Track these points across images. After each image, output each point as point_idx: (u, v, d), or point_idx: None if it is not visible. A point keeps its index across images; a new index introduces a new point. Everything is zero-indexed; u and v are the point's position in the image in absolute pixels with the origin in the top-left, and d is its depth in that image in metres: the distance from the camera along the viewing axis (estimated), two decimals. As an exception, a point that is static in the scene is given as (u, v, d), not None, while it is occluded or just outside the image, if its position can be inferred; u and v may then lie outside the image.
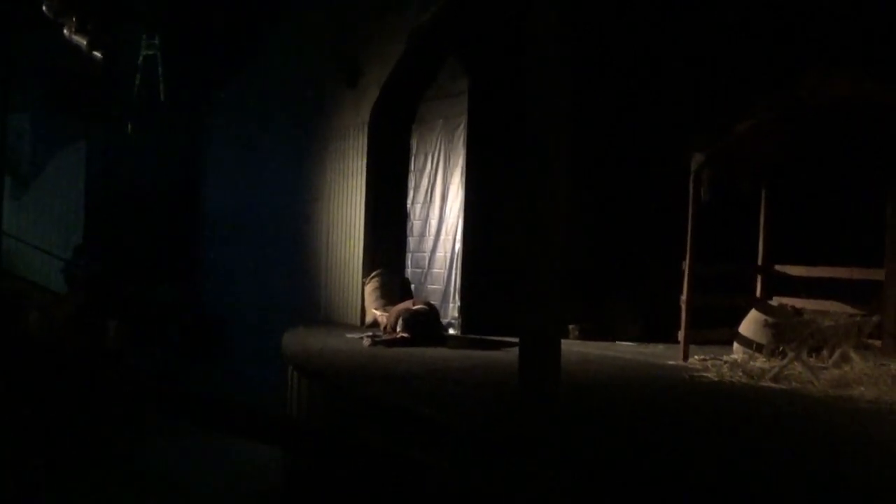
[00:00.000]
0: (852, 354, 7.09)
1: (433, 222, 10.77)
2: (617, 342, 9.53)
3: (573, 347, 8.62)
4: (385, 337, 9.21)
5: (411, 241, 11.22)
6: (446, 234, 10.51)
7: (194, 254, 16.66)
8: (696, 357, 7.99)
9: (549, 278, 4.70)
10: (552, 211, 4.90)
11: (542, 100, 5.08)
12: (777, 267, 8.84)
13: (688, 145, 8.04)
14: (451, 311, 10.15)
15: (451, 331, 10.05)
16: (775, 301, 8.50)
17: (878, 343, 7.58)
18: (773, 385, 6.76)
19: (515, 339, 5.39)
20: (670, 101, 9.69)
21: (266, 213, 13.96)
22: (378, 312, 10.49)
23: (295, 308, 12.50)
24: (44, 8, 11.33)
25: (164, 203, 16.70)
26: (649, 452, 4.70)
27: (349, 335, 9.81)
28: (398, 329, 9.20)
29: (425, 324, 9.23)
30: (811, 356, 7.25)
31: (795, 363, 7.08)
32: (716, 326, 8.46)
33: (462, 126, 10.30)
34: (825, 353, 7.29)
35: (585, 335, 9.61)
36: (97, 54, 12.14)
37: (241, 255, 14.78)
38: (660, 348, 8.97)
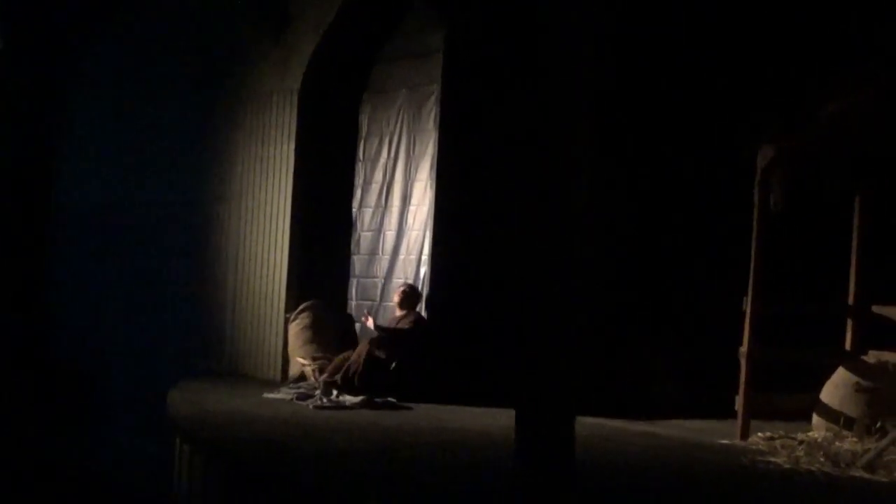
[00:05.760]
0: (978, 434, 7.17)
1: (389, 235, 10.81)
2: (650, 410, 9.56)
3: (586, 417, 8.62)
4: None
5: (357, 262, 11.24)
6: (408, 253, 10.54)
7: (43, 271, 16.51)
8: (759, 434, 8.06)
9: (560, 319, 4.75)
10: (567, 223, 4.95)
11: (556, 65, 5.14)
12: (875, 308, 8.93)
13: (754, 137, 8.10)
14: (415, 362, 10.18)
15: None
16: (872, 357, 8.58)
17: None
18: (867, 476, 6.78)
19: (505, 409, 5.40)
20: (730, 79, 9.80)
21: (150, 216, 13.89)
22: (305, 361, 10.48)
23: (188, 353, 12.46)
24: None
25: (-1, 196, 16.54)
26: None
27: (268, 394, 9.82)
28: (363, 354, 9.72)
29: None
30: (921, 435, 7.31)
31: (899, 445, 7.15)
32: (788, 391, 8.53)
33: (433, 98, 10.37)
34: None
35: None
36: None
37: (111, 275, 14.68)
38: (709, 421, 8.99)
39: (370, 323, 10.10)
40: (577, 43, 5.09)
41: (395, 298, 10.17)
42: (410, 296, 10.10)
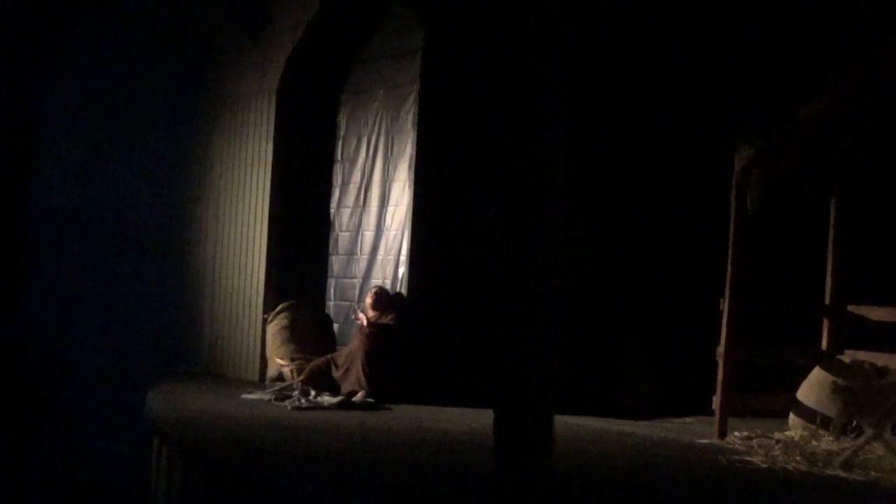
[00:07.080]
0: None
1: (368, 235, 10.83)
2: (628, 410, 9.59)
3: (565, 417, 8.64)
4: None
5: (335, 262, 11.25)
6: (386, 254, 10.56)
7: (19, 272, 16.46)
8: (736, 434, 8.12)
9: (537, 320, 4.77)
10: (545, 222, 4.97)
11: (535, 65, 5.16)
12: (851, 308, 9.00)
13: (731, 138, 8.15)
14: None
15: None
16: (848, 356, 8.65)
17: None
18: (843, 474, 6.86)
19: (484, 410, 5.43)
20: (710, 80, 9.85)
21: (126, 216, 13.86)
22: (284, 362, 10.48)
23: (165, 353, 12.44)
24: None
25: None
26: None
27: (247, 395, 9.82)
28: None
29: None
30: (897, 434, 7.39)
31: (875, 444, 7.21)
32: (765, 391, 8.59)
33: (412, 98, 10.39)
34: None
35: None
36: None
37: (88, 275, 14.63)
38: (687, 420, 9.08)
39: (362, 317, 10.04)
40: (557, 42, 5.12)
41: (368, 300, 10.17)
42: (382, 297, 10.12)
